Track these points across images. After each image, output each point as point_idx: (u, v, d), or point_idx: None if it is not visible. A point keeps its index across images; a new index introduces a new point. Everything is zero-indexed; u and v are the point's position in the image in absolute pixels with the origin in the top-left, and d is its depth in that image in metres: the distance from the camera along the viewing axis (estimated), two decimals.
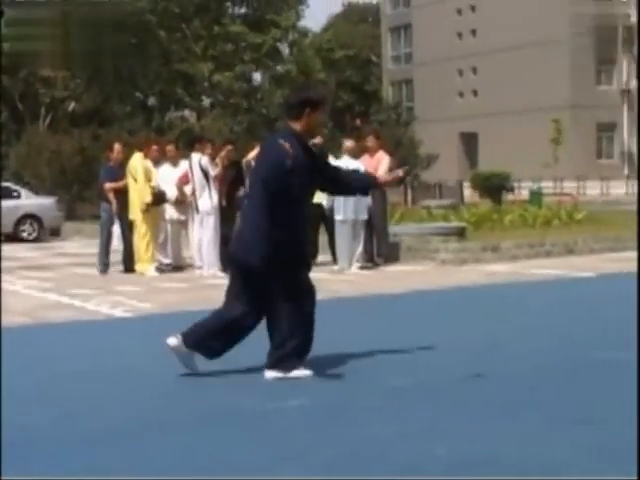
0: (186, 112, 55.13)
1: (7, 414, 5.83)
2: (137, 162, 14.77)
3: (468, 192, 40.47)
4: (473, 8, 59.20)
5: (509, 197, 38.48)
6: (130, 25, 48.23)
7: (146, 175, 14.69)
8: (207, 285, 12.92)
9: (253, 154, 15.54)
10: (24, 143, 38.75)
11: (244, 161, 15.72)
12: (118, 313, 10.55)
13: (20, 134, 42.81)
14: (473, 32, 59.03)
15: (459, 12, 60.20)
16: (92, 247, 16.90)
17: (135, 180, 14.67)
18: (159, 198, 14.88)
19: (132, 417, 5.83)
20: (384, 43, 65.22)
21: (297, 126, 6.53)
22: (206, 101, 54.24)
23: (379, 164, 15.20)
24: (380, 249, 15.25)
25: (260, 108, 53.31)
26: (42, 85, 50.63)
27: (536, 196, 33.90)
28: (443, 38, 59.36)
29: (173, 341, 6.66)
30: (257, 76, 56.85)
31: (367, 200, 14.45)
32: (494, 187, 38.55)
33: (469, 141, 59.45)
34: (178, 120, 51.64)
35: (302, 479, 4.50)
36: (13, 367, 7.28)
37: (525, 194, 38.01)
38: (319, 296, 11.04)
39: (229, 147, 15.01)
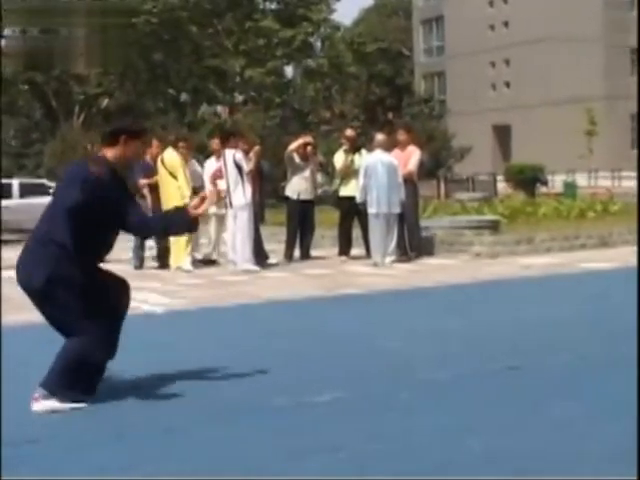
0: (218, 108, 55.22)
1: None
2: (174, 158, 14.78)
3: (501, 185, 40.33)
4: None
5: (543, 190, 38.32)
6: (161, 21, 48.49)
7: (182, 169, 14.72)
8: (241, 280, 12.96)
9: (294, 146, 15.64)
10: (58, 140, 39.06)
11: (285, 153, 15.81)
12: (153, 309, 10.59)
13: (54, 131, 43.15)
14: (505, 24, 58.65)
15: (491, 4, 59.90)
16: (126, 242, 16.94)
17: (173, 176, 14.66)
18: (196, 193, 14.97)
19: (157, 413, 5.85)
20: (416, 36, 65.02)
21: (110, 153, 6.29)
22: (238, 97, 54.27)
23: (409, 158, 15.23)
24: (412, 242, 15.24)
25: (292, 102, 53.32)
26: (76, 82, 50.97)
27: (570, 188, 33.76)
28: (475, 30, 59.03)
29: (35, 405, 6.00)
30: (289, 70, 56.87)
31: (401, 194, 14.47)
32: (528, 180, 38.40)
33: (502, 133, 59.13)
34: (210, 115, 51.75)
35: (332, 478, 4.51)
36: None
37: (559, 186, 37.86)
38: (354, 290, 11.11)
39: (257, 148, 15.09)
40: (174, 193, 14.67)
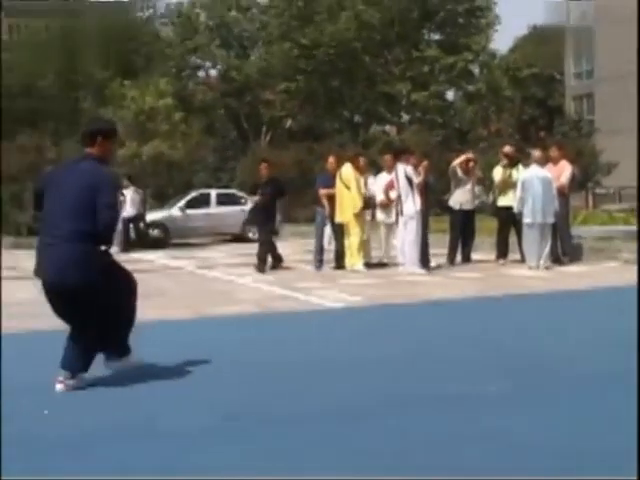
0: (387, 127, 55.32)
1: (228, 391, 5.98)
2: (349, 172, 14.88)
3: None
4: None
5: None
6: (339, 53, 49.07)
7: (356, 183, 14.80)
8: (409, 281, 12.91)
9: (458, 161, 15.50)
10: (249, 157, 39.76)
11: (450, 168, 15.67)
12: (331, 303, 10.64)
13: (246, 149, 44.04)
14: None
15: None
16: (308, 246, 17.14)
17: (347, 188, 14.77)
18: (367, 203, 15.05)
19: (319, 403, 5.73)
20: (567, 61, 63.38)
21: (92, 152, 6.24)
22: (405, 117, 54.24)
23: (561, 172, 14.88)
24: (564, 249, 14.88)
25: (453, 123, 52.95)
26: (264, 106, 51.99)
27: None
28: (622, 55, 57.17)
29: (60, 387, 6.11)
30: (450, 94, 56.49)
31: (555, 205, 14.14)
32: None
33: None
34: (380, 134, 51.87)
35: None
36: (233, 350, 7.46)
37: None
38: (513, 291, 10.84)
39: (425, 162, 15.01)
40: (348, 202, 14.78)
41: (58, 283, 5.97)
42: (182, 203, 25.93)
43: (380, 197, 15.18)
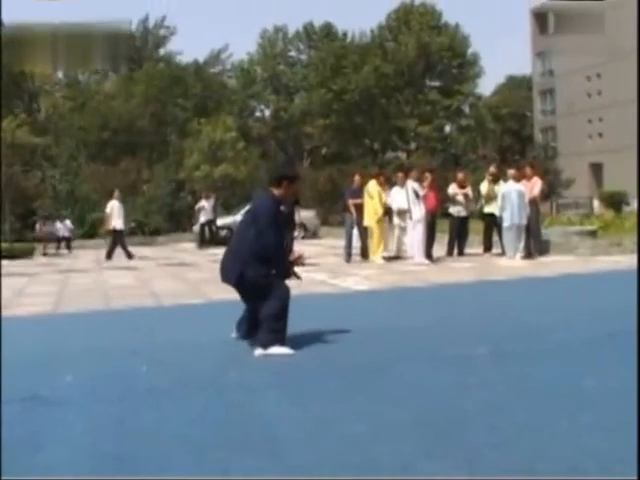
0: (399, 153, 55.20)
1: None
2: (372, 186, 14.81)
3: (596, 205, 38.54)
4: (599, 75, 56.03)
5: (627, 209, 36.27)
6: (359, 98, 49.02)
7: (378, 195, 14.72)
8: (417, 270, 12.81)
9: (452, 191, 15.33)
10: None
11: (449, 189, 15.51)
12: (357, 287, 10.59)
13: None
14: (599, 92, 55.86)
15: (588, 79, 57.10)
16: (339, 243, 17.05)
17: (371, 198, 14.69)
18: (386, 210, 14.94)
19: (352, 359, 5.72)
20: (535, 102, 62.82)
21: (276, 192, 5.94)
22: (413, 145, 54.14)
23: (534, 186, 14.71)
24: (535, 245, 14.71)
25: (450, 149, 52.79)
26: (305, 138, 52.08)
27: None
28: (577, 97, 56.51)
29: (259, 352, 5.83)
30: (447, 127, 56.26)
31: (527, 211, 14.00)
32: (615, 201, 36.51)
33: (596, 169, 56.38)
34: (393, 158, 51.77)
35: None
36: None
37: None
38: (497, 277, 10.68)
39: (427, 174, 14.82)
40: (371, 210, 14.69)
41: (226, 281, 6.03)
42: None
43: (396, 206, 15.01)
